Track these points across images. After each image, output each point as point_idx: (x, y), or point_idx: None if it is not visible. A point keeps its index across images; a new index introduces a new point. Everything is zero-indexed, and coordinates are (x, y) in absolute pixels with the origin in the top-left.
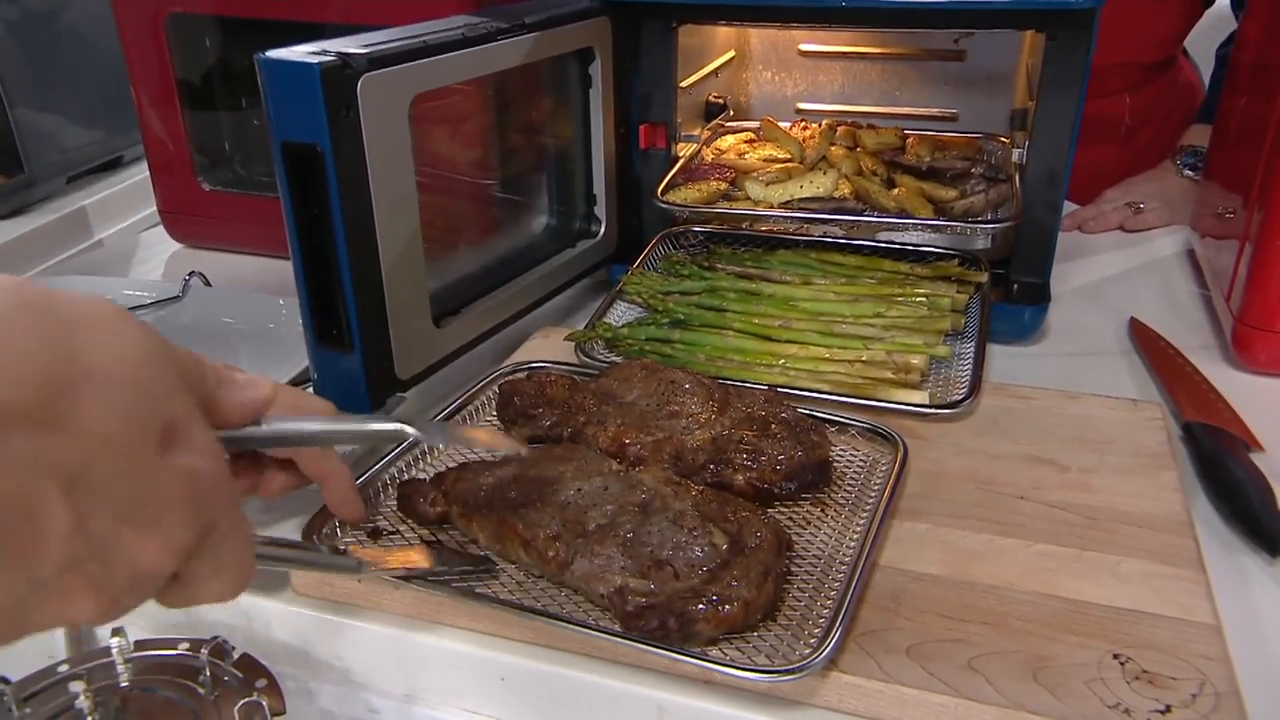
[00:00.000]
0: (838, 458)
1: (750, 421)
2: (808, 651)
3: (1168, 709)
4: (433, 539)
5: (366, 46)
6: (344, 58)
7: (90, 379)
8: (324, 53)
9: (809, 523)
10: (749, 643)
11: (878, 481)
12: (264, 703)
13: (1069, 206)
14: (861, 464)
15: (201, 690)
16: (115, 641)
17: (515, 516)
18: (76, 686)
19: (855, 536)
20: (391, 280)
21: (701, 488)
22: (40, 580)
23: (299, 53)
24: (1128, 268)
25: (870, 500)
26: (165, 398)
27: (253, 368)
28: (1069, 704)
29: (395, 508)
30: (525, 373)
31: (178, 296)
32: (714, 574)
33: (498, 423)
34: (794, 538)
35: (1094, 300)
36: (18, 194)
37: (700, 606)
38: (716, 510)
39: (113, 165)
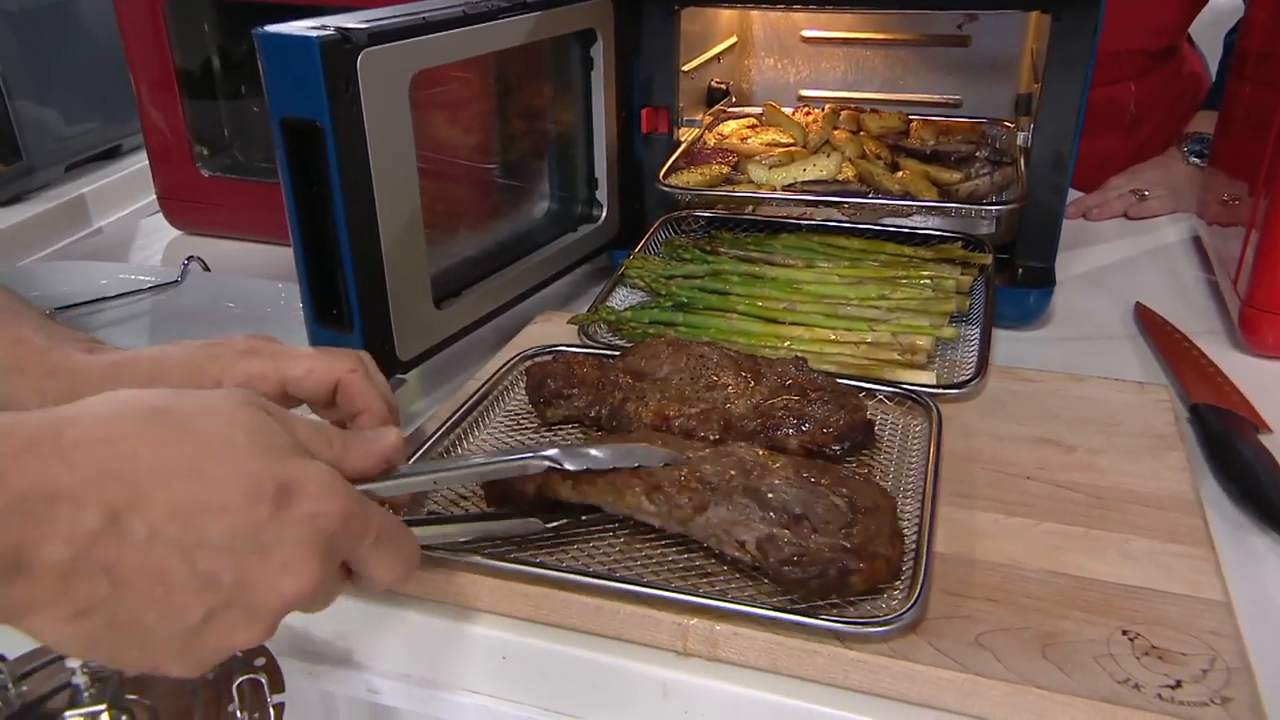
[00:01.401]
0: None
1: (788, 388)
2: (895, 605)
3: (1178, 684)
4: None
5: (366, 22)
6: (344, 33)
7: (199, 467)
8: (323, 28)
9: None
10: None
11: (915, 443)
12: (263, 680)
13: (1073, 194)
14: (894, 427)
15: None
16: None
17: (631, 471)
18: (73, 663)
19: (912, 492)
20: (392, 259)
21: (797, 457)
22: (192, 627)
23: (298, 28)
24: (1133, 254)
25: (913, 460)
26: (275, 466)
27: None
28: (1078, 679)
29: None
30: (550, 355)
31: (177, 281)
32: (848, 532)
33: (528, 405)
34: None
35: (1099, 286)
36: (16, 181)
37: (855, 562)
38: (823, 474)
39: (111, 154)
